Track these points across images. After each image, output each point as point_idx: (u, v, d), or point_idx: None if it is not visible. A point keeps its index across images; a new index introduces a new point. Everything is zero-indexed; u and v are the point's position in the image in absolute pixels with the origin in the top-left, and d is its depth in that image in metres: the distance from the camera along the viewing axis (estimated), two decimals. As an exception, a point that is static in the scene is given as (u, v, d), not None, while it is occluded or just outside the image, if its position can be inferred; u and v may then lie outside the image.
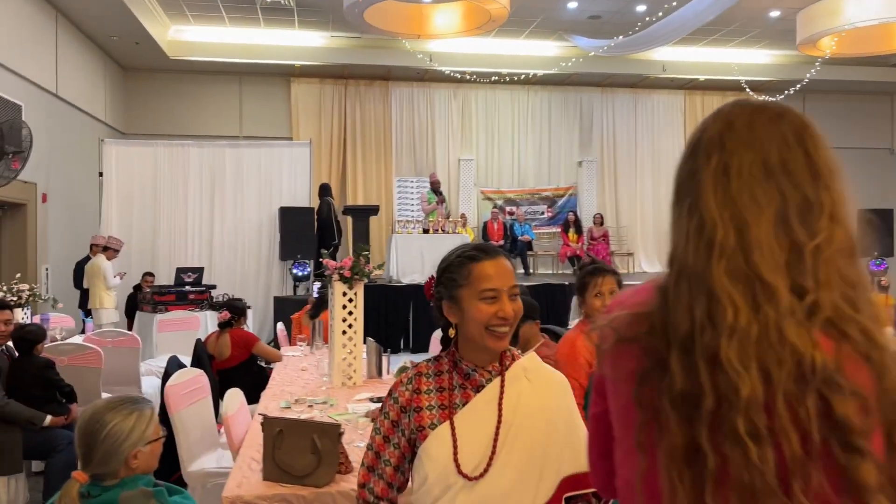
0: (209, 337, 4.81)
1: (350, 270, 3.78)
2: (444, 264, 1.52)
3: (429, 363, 1.55)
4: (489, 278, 1.45)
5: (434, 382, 1.49)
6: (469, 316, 1.45)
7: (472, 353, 1.50)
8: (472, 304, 1.45)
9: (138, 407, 1.75)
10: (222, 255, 9.63)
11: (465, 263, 1.48)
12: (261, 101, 13.14)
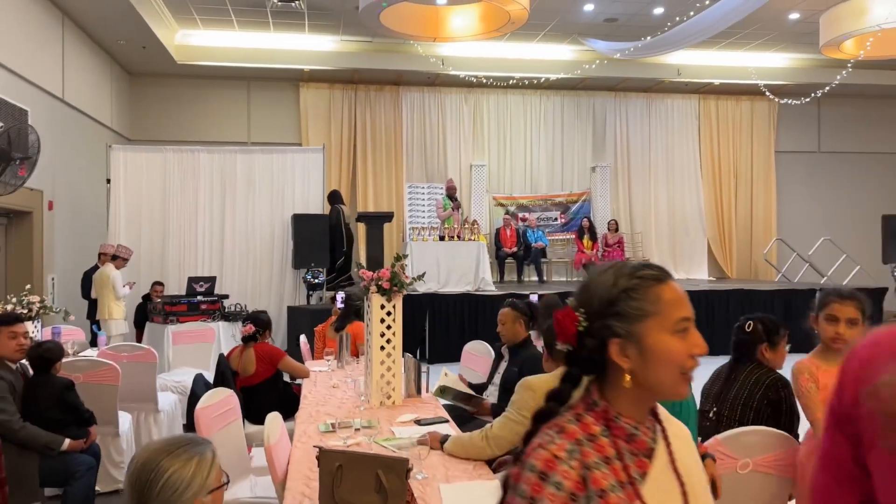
0: (232, 352, 4.56)
1: (389, 281, 3.53)
2: (616, 289, 1.15)
3: (571, 423, 1.15)
4: (681, 304, 1.15)
5: (593, 451, 1.11)
6: (658, 356, 1.13)
7: (635, 406, 1.16)
8: (662, 340, 1.13)
9: (199, 451, 1.50)
10: (234, 264, 9.38)
11: (650, 286, 1.15)
12: (269, 106, 12.93)
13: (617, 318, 1.14)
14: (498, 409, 3.77)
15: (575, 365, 1.19)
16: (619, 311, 1.15)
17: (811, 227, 14.14)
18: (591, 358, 1.16)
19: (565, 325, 1.17)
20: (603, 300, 1.16)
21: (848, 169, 14.75)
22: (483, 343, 4.88)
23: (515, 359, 3.90)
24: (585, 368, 1.19)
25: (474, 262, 9.87)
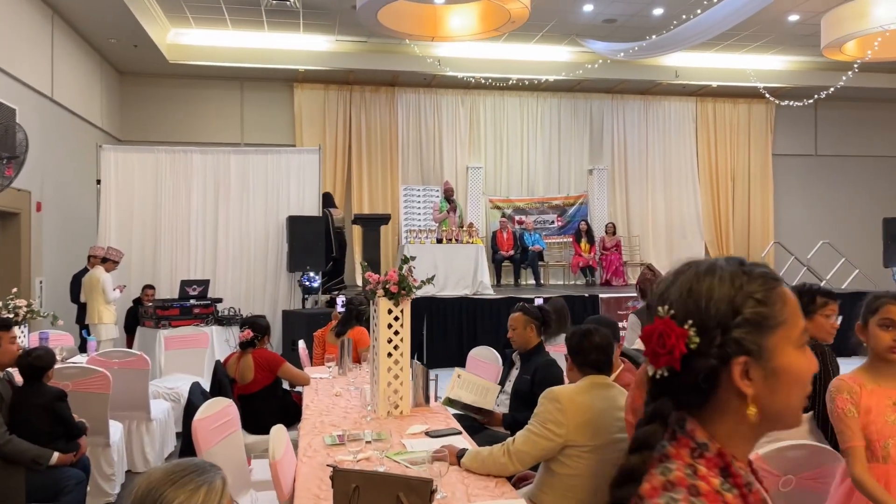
0: (229, 358, 4.37)
1: (397, 285, 3.36)
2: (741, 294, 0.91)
3: (690, 477, 0.86)
4: (799, 311, 0.94)
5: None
6: (789, 377, 0.90)
7: (747, 444, 0.93)
8: (792, 356, 0.90)
9: (207, 479, 1.33)
10: (227, 267, 9.16)
11: (775, 286, 0.93)
12: (263, 107, 12.73)
13: (743, 331, 0.90)
14: (510, 419, 3.61)
15: (675, 394, 0.91)
16: (745, 321, 0.90)
17: (808, 231, 14.07)
18: (698, 385, 0.90)
19: (671, 344, 0.89)
20: (722, 308, 0.90)
21: (845, 172, 14.69)
22: (490, 349, 4.72)
23: (527, 366, 3.74)
24: (689, 399, 0.91)
25: (472, 266, 9.70)
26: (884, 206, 14.26)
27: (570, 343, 2.59)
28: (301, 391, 4.39)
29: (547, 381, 3.60)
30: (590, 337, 2.55)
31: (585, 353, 2.53)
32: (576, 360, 2.56)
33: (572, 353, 2.56)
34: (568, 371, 2.61)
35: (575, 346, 2.56)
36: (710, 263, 0.97)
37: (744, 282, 0.93)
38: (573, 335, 2.59)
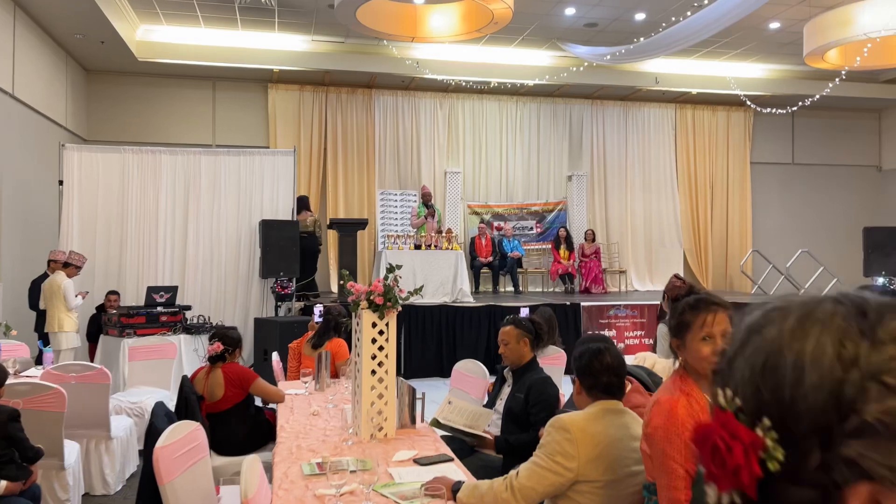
0: (197, 373, 4.05)
1: (383, 296, 3.09)
2: (855, 374, 0.53)
3: None
4: None
5: None
6: None
7: None
8: None
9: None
10: (197, 273, 8.79)
11: None
12: (236, 107, 12.37)
13: (863, 440, 0.52)
14: (502, 441, 3.35)
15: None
16: (865, 426, 0.52)
17: (787, 239, 14.07)
18: None
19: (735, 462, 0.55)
20: (824, 401, 0.54)
21: (822, 181, 14.74)
22: (476, 362, 4.46)
23: (520, 383, 3.49)
24: None
25: (452, 272, 9.45)
26: (861, 215, 14.33)
27: (578, 364, 2.34)
28: (275, 409, 4.09)
29: (542, 400, 3.36)
30: (601, 357, 2.30)
31: (596, 375, 2.28)
32: (584, 383, 2.30)
33: (581, 374, 2.32)
34: (575, 395, 2.36)
35: (584, 368, 2.31)
36: (806, 309, 0.59)
37: (863, 350, 0.54)
38: (582, 355, 2.34)
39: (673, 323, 1.98)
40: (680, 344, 1.97)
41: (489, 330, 9.01)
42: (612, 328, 9.42)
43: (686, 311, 1.96)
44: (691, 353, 1.94)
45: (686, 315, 1.95)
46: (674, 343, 1.98)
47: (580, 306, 9.36)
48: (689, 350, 1.94)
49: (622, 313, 9.47)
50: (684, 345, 1.95)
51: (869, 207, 14.65)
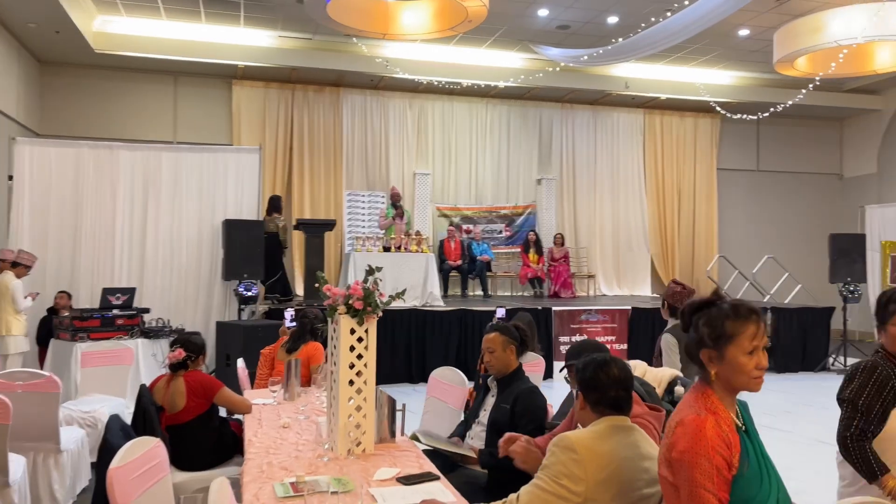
0: (156, 382, 3.77)
1: (363, 301, 2.87)
2: None
3: None
4: None
5: None
6: None
7: None
8: None
9: None
10: (156, 274, 8.41)
11: None
12: (198, 103, 11.97)
13: None
14: (487, 456, 3.15)
15: None
16: None
17: (752, 245, 14.19)
18: None
19: None
20: None
21: (785, 188, 14.92)
22: (454, 370, 4.25)
23: (506, 393, 3.29)
24: None
25: (422, 276, 9.24)
26: (824, 223, 14.54)
27: (582, 377, 2.15)
28: (241, 419, 3.83)
29: (529, 412, 3.17)
30: (607, 369, 2.12)
31: (602, 388, 2.09)
32: (590, 398, 2.11)
33: (586, 388, 2.12)
34: (578, 410, 2.17)
35: (589, 381, 2.12)
36: None
37: None
38: (586, 367, 2.15)
39: (708, 332, 1.77)
40: (715, 356, 1.76)
41: (460, 335, 8.82)
42: (583, 333, 9.32)
43: (728, 319, 1.75)
44: (731, 367, 1.74)
45: (729, 324, 1.75)
46: (706, 354, 1.78)
47: (552, 311, 9.22)
48: (730, 363, 1.74)
49: (594, 318, 9.37)
50: (722, 357, 1.75)
51: (831, 215, 14.87)
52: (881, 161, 14.30)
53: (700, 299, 1.80)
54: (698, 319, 1.80)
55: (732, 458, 1.66)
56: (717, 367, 1.75)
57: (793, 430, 6.33)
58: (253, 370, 5.10)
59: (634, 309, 9.61)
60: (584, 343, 2.89)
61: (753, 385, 1.75)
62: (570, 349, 2.93)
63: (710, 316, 1.76)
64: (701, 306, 1.81)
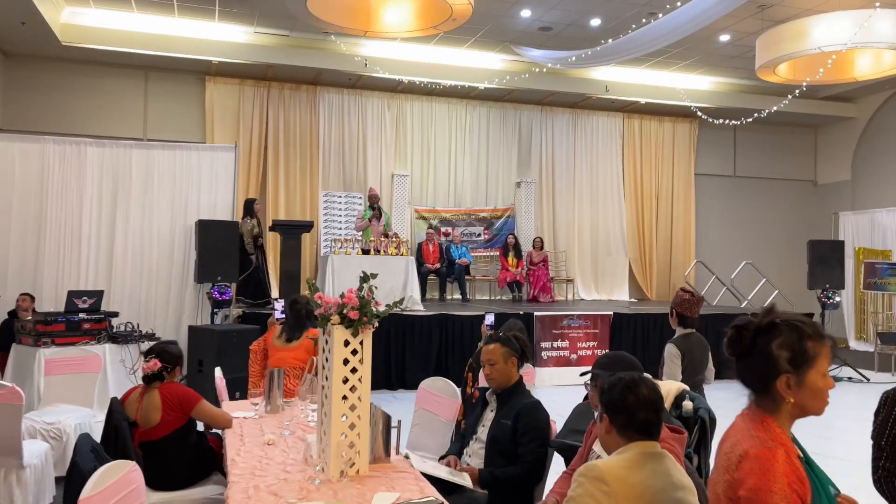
0: (129, 394, 3.51)
1: (358, 310, 2.66)
2: None
3: None
4: None
5: None
6: None
7: None
8: None
9: None
10: (125, 276, 8.06)
11: None
12: (170, 100, 11.61)
13: None
14: (487, 476, 2.96)
15: None
16: None
17: (729, 251, 14.23)
18: None
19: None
20: None
21: (761, 194, 15.00)
22: (446, 381, 4.05)
23: (507, 408, 3.10)
24: None
25: (402, 279, 9.02)
26: (799, 229, 14.63)
27: (609, 398, 1.97)
28: (220, 433, 3.59)
29: (532, 428, 2.99)
30: (636, 390, 1.94)
31: (631, 411, 1.91)
32: (616, 421, 1.93)
33: (612, 411, 1.94)
34: (603, 434, 1.98)
35: (616, 403, 1.94)
36: None
37: None
38: (613, 387, 1.97)
39: (788, 356, 1.56)
40: (795, 382, 1.57)
41: (441, 340, 8.62)
42: (565, 338, 9.18)
43: (810, 340, 1.57)
44: (810, 392, 1.56)
45: (810, 345, 1.56)
46: (785, 381, 1.56)
47: (533, 316, 9.07)
48: (809, 388, 1.56)
49: (575, 323, 9.24)
50: (802, 383, 1.56)
51: (805, 221, 14.98)
52: (855, 168, 14.44)
53: (763, 319, 1.60)
54: (766, 343, 1.59)
55: (805, 494, 1.49)
56: (795, 394, 1.57)
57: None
58: (231, 377, 4.88)
59: (616, 314, 9.51)
60: (616, 357, 2.69)
61: (823, 408, 1.59)
62: (601, 360, 2.73)
63: (788, 338, 1.57)
64: (766, 328, 1.60)
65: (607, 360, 2.66)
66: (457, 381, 5.77)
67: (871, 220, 13.25)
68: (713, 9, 7.59)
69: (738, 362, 1.64)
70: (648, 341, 9.53)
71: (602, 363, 2.67)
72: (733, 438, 1.60)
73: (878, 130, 13.85)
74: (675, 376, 3.91)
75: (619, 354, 2.73)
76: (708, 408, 3.03)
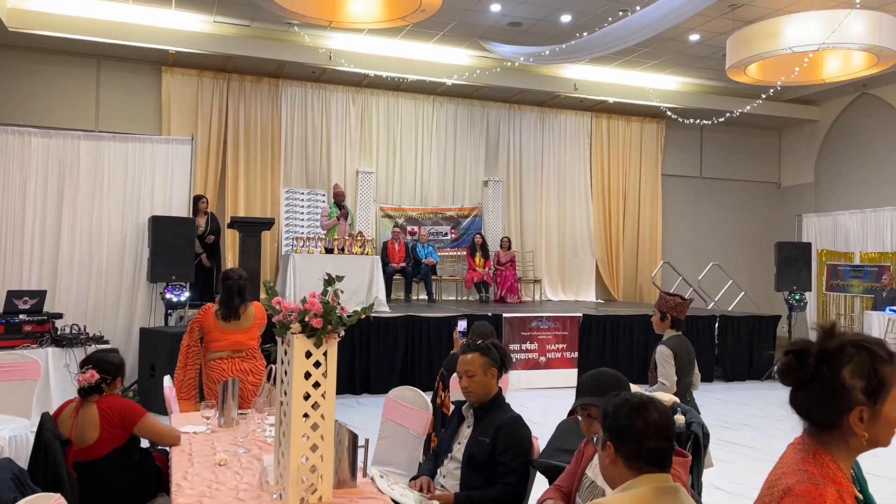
0: (62, 409, 3.15)
1: (322, 317, 2.36)
2: None
3: None
4: None
5: None
6: None
7: None
8: None
9: None
10: (71, 275, 7.58)
11: None
12: (124, 90, 11.09)
13: None
14: (463, 499, 2.69)
15: None
16: None
17: (696, 251, 14.22)
18: None
19: None
20: None
21: (726, 195, 15.03)
22: (415, 390, 3.77)
23: (485, 424, 2.84)
24: None
25: (367, 279, 8.71)
26: (764, 231, 14.70)
27: (614, 423, 1.71)
28: (167, 449, 3.25)
29: (513, 446, 2.73)
30: (646, 414, 1.68)
31: (640, 439, 1.66)
32: (623, 451, 1.67)
33: (619, 438, 1.68)
34: (607, 464, 1.72)
35: (624, 429, 1.68)
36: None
37: None
38: (618, 410, 1.71)
39: (864, 385, 1.30)
40: (869, 414, 1.32)
41: (407, 342, 8.33)
42: (534, 341, 8.97)
43: (885, 364, 1.32)
44: (884, 424, 1.32)
45: (886, 371, 1.32)
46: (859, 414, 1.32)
47: (502, 317, 8.84)
48: (884, 419, 1.32)
49: (544, 325, 9.04)
50: (878, 413, 1.31)
51: (769, 223, 15.06)
52: (818, 171, 14.56)
53: (827, 342, 1.34)
54: (835, 371, 1.33)
55: None
56: (869, 428, 1.32)
57: (756, 447, 6.12)
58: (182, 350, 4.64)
59: (586, 316, 9.33)
60: (601, 375, 2.44)
61: (891, 440, 1.35)
62: (586, 382, 2.47)
63: (860, 363, 1.33)
64: (833, 352, 1.34)
65: (593, 384, 2.39)
66: (424, 386, 5.48)
67: (833, 222, 13.36)
68: (685, 7, 7.45)
69: (795, 392, 1.39)
70: (618, 344, 9.38)
71: (588, 388, 2.39)
72: (780, 470, 1.36)
73: (841, 133, 13.98)
74: (670, 377, 3.72)
75: (603, 372, 2.47)
76: (701, 422, 2.81)
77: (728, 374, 9.90)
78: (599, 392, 2.21)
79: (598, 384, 2.36)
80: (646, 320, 9.63)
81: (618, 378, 2.40)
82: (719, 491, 4.63)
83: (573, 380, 9.04)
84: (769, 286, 11.59)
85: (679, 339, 4.06)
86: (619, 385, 2.30)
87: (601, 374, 2.43)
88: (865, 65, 9.32)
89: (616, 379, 2.39)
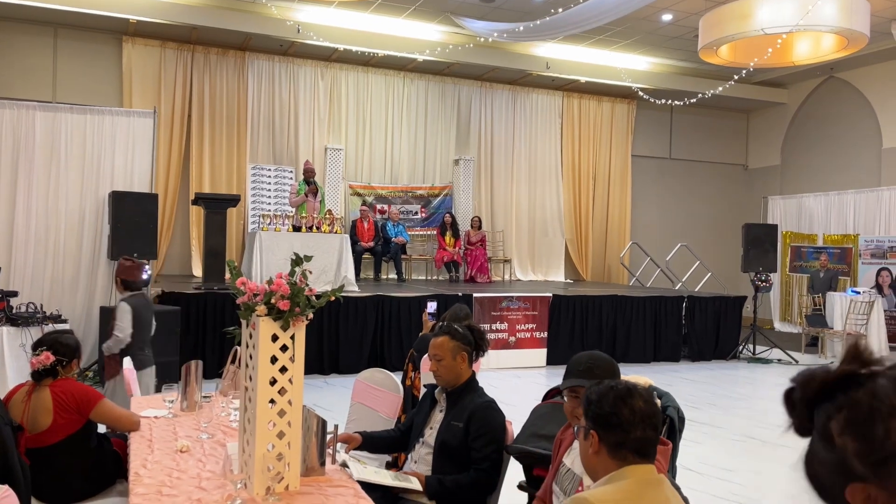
0: (14, 393, 2.99)
1: (289, 299, 2.25)
2: None
3: None
4: None
5: None
6: None
7: None
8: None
9: None
10: (27, 252, 7.30)
11: None
12: (82, 61, 10.70)
13: None
14: (435, 485, 2.62)
15: None
16: None
17: (664, 233, 14.31)
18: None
19: None
20: None
21: (694, 176, 15.12)
22: (385, 372, 3.68)
23: (457, 408, 2.76)
24: None
25: (336, 258, 8.57)
26: (731, 212, 14.84)
27: (598, 411, 1.63)
28: (126, 436, 3.12)
29: (487, 432, 2.67)
30: (631, 402, 1.61)
31: (626, 428, 1.59)
32: (608, 440, 1.60)
33: (603, 427, 1.61)
34: (589, 454, 1.65)
35: (608, 418, 1.60)
36: None
37: None
38: (603, 397, 1.64)
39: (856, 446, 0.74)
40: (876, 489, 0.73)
41: (377, 322, 8.23)
42: (504, 321, 8.94)
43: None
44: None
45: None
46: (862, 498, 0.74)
47: (472, 297, 8.78)
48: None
49: (514, 305, 9.01)
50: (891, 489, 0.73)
51: (736, 204, 15.21)
52: (784, 153, 14.72)
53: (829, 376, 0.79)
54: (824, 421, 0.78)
55: None
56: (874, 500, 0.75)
57: (723, 426, 6.17)
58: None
59: (556, 296, 9.32)
60: (596, 359, 2.33)
61: None
62: (580, 362, 2.34)
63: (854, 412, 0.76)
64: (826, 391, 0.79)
65: (587, 366, 2.29)
66: (394, 367, 5.38)
67: (798, 204, 13.55)
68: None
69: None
70: (587, 324, 9.40)
71: (581, 369, 2.28)
72: None
73: (808, 116, 14.12)
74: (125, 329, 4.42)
75: (598, 356, 2.37)
76: (677, 406, 2.76)
77: (694, 354, 10.00)
78: (592, 375, 2.13)
79: (591, 367, 2.26)
80: (615, 300, 9.68)
81: (612, 366, 2.31)
82: (688, 471, 4.64)
83: (543, 359, 9.05)
84: (735, 267, 11.72)
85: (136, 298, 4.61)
86: (613, 374, 2.23)
87: (596, 358, 2.33)
88: (835, 48, 9.37)
89: (611, 366, 2.30)
